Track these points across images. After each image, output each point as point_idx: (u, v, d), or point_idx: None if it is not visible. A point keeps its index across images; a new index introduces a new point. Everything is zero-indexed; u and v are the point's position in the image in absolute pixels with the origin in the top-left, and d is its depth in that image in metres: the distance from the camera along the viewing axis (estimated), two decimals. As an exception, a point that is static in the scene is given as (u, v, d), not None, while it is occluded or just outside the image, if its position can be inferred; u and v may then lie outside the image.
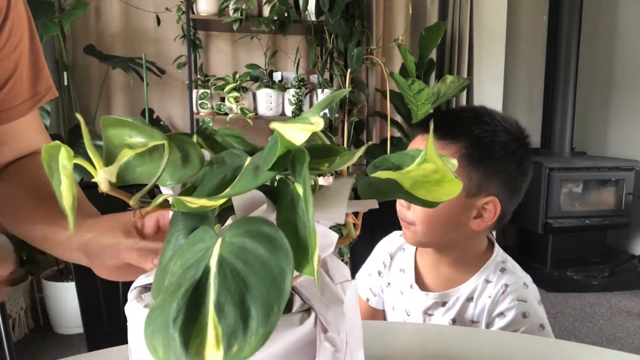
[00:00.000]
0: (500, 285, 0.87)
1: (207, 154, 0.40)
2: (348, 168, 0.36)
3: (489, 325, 0.87)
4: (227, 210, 0.35)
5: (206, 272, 0.29)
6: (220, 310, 0.27)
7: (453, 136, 0.83)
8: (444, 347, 0.67)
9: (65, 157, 0.33)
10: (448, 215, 0.84)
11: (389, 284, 0.99)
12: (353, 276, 0.37)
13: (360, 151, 0.32)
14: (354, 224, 0.38)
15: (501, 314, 0.86)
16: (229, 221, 0.34)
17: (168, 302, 0.28)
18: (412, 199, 0.34)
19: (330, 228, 0.35)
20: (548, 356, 0.66)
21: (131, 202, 0.34)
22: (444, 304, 0.90)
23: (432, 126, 0.32)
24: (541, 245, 3.12)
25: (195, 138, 0.38)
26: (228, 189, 0.31)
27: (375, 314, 1.03)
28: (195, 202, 0.31)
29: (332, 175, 2.15)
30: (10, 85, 0.64)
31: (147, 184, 0.34)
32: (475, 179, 0.83)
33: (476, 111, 0.89)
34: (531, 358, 0.65)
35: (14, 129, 0.66)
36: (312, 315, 0.32)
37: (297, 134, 0.28)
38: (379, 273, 1.01)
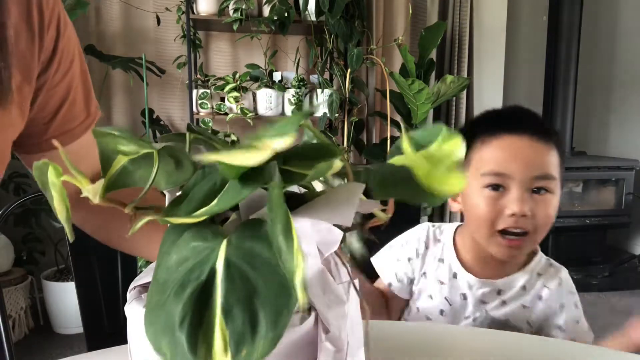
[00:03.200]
0: (557, 278, 0.96)
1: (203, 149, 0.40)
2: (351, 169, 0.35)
3: (550, 317, 0.93)
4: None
5: (212, 274, 0.28)
6: (228, 313, 0.27)
7: (548, 136, 0.88)
8: (443, 347, 0.67)
9: (53, 175, 0.34)
10: (555, 211, 0.90)
11: (424, 273, 0.99)
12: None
13: (340, 159, 0.31)
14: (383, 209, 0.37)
15: (562, 305, 0.93)
16: (234, 216, 0.34)
17: (173, 303, 0.28)
18: (421, 194, 0.33)
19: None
20: (548, 356, 0.66)
21: (126, 210, 0.34)
22: (499, 292, 0.94)
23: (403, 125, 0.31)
24: (541, 244, 3.11)
25: (188, 136, 0.38)
26: (210, 205, 0.30)
27: (393, 299, 1.02)
28: (176, 221, 0.31)
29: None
30: (65, 110, 0.65)
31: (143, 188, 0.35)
32: (562, 172, 0.90)
33: (525, 109, 0.95)
34: (531, 358, 0.65)
35: (77, 151, 0.67)
36: (313, 315, 0.32)
37: (245, 159, 0.27)
38: (409, 260, 1.00)
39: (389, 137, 2.52)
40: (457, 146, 0.32)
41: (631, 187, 3.10)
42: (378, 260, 1.04)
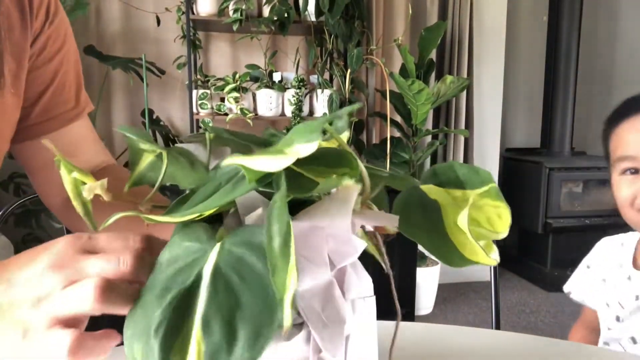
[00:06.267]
0: None
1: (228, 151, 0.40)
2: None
3: None
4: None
5: (197, 280, 0.27)
6: (207, 325, 0.25)
7: None
8: (444, 347, 0.67)
9: (65, 171, 0.34)
10: None
11: (603, 280, 0.97)
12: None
13: (354, 180, 0.30)
14: None
15: None
16: (233, 210, 0.34)
17: (152, 306, 0.27)
18: (438, 245, 0.29)
19: None
20: (548, 356, 0.66)
21: (141, 207, 0.35)
22: None
23: (470, 200, 0.29)
24: (541, 245, 3.12)
25: (208, 136, 0.38)
26: (197, 206, 0.30)
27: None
28: (163, 220, 0.31)
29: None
30: (50, 95, 0.64)
31: (168, 184, 0.35)
32: None
33: None
34: (531, 358, 0.65)
35: (70, 141, 0.66)
36: (304, 331, 0.30)
37: (268, 165, 0.25)
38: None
39: (389, 138, 2.52)
40: (505, 216, 0.29)
41: (631, 187, 3.10)
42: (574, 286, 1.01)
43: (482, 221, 0.30)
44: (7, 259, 0.37)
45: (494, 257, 0.28)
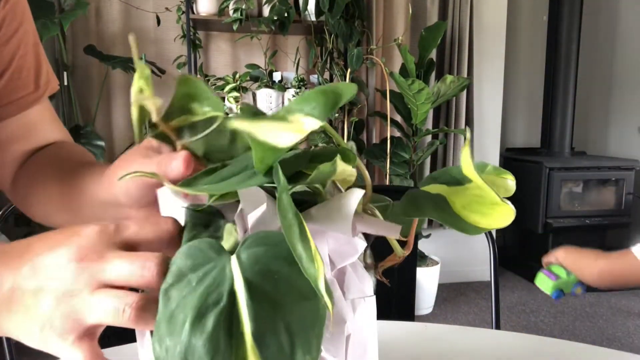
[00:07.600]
0: None
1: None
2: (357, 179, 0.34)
3: None
4: (233, 204, 0.33)
5: (232, 298, 0.26)
6: (261, 340, 0.24)
7: None
8: (444, 347, 0.67)
9: (137, 75, 0.35)
10: None
11: None
12: None
13: (349, 163, 0.30)
14: (403, 241, 0.35)
15: None
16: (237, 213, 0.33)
17: (194, 337, 0.25)
18: (457, 222, 0.30)
19: None
20: (548, 356, 0.66)
21: (178, 145, 0.35)
22: None
23: (468, 136, 0.30)
24: (541, 245, 3.12)
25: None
26: (206, 186, 0.29)
27: None
28: (179, 189, 0.30)
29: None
30: (7, 79, 0.62)
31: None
32: None
33: None
34: (531, 358, 0.65)
35: (25, 124, 0.64)
36: None
37: (275, 136, 0.25)
38: None
39: (389, 137, 2.52)
40: (511, 178, 0.30)
41: (631, 187, 3.10)
42: None
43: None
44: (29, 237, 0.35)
45: (510, 206, 0.29)
